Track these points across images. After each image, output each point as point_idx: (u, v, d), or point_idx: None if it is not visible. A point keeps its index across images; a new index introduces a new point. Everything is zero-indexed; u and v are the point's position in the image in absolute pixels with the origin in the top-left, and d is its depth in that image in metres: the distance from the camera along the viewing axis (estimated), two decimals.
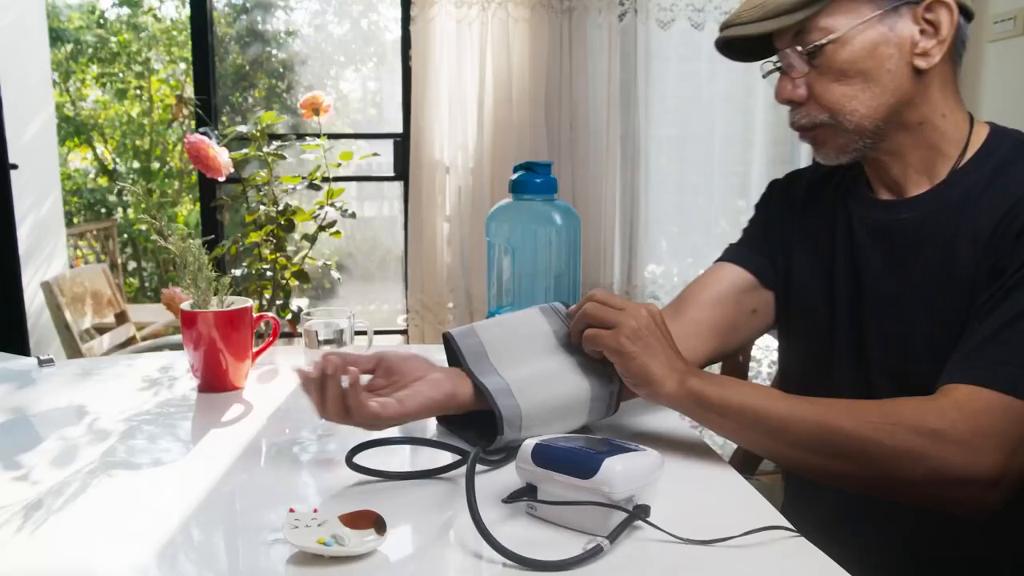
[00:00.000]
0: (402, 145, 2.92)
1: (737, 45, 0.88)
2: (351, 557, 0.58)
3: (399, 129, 2.95)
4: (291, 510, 0.61)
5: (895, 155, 0.85)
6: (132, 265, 7.20)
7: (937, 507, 0.73)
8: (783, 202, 1.00)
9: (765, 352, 2.50)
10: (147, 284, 7.21)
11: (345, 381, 0.73)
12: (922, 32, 0.80)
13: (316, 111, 2.39)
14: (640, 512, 0.62)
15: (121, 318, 2.63)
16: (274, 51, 4.56)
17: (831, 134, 0.84)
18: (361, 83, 4.54)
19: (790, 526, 0.63)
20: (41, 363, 1.18)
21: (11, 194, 2.69)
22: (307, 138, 2.55)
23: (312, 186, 2.46)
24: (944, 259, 0.80)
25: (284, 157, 2.51)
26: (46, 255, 3.28)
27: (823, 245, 0.92)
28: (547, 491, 0.64)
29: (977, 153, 0.82)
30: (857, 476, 0.73)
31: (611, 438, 0.69)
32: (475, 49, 2.79)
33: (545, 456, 0.65)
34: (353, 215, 2.47)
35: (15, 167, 2.76)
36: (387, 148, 2.98)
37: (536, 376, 0.80)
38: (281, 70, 4.72)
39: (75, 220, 6.89)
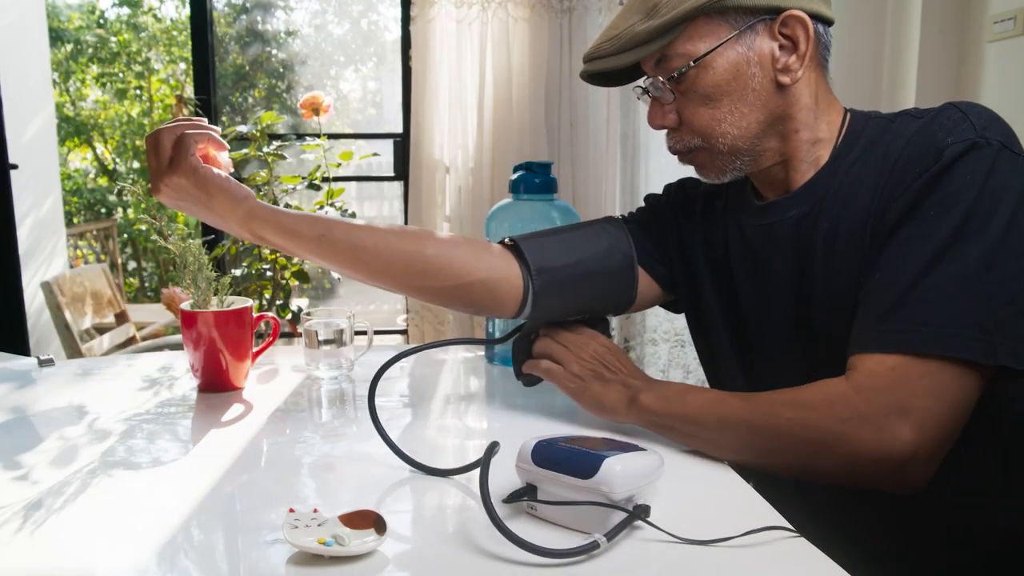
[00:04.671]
0: (402, 145, 2.92)
1: (604, 73, 0.88)
2: (351, 557, 0.58)
3: (399, 129, 2.95)
4: (291, 510, 0.61)
5: (778, 164, 0.85)
6: (132, 265, 7.20)
7: (865, 485, 0.72)
8: (681, 206, 0.99)
9: None
10: (147, 284, 7.21)
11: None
12: (781, 48, 0.80)
13: (316, 111, 2.39)
14: (640, 512, 0.62)
15: (121, 318, 2.63)
16: (274, 51, 4.56)
17: (707, 157, 0.85)
18: (361, 83, 4.55)
19: (790, 526, 0.63)
20: (41, 363, 1.18)
21: (11, 194, 2.69)
22: (307, 138, 2.56)
23: (312, 186, 2.46)
24: (834, 227, 0.80)
25: (284, 157, 2.51)
26: (46, 255, 3.28)
27: (721, 259, 0.92)
28: (547, 491, 0.64)
29: (844, 136, 0.83)
30: (786, 467, 0.74)
31: (611, 438, 0.69)
32: (475, 49, 2.79)
33: (545, 456, 0.65)
34: (353, 215, 2.47)
35: (15, 167, 2.76)
36: (387, 148, 2.99)
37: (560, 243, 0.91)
38: (281, 70, 4.72)
39: (75, 220, 6.90)
